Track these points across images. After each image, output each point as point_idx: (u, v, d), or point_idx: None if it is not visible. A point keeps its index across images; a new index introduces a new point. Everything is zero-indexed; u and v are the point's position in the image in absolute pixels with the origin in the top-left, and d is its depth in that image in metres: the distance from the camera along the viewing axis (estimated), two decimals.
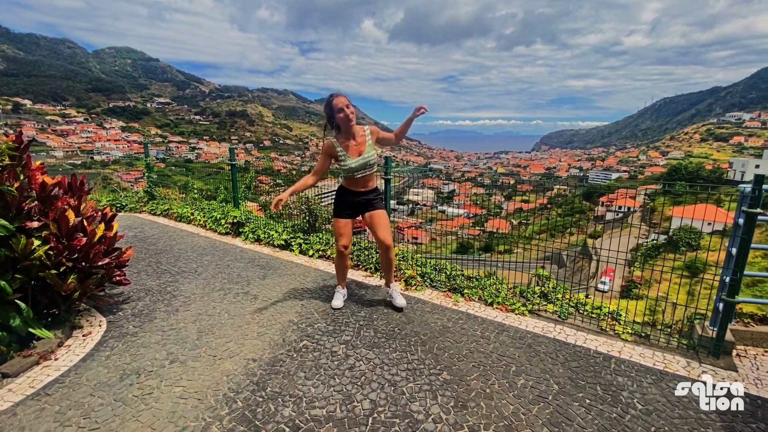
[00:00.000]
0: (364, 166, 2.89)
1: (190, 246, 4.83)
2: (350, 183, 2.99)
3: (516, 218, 44.35)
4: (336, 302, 3.17)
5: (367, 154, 2.88)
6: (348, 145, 2.88)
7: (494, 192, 34.01)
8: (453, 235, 36.17)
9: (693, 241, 26.86)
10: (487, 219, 44.53)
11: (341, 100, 2.77)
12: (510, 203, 55.60)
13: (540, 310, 3.11)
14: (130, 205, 6.83)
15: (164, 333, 2.75)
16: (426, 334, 2.72)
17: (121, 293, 3.40)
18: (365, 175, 2.94)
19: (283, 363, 2.39)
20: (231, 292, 3.46)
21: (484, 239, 39.16)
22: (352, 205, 3.01)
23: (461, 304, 3.23)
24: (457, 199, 37.76)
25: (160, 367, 2.35)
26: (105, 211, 3.03)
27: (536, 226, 34.04)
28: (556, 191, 42.07)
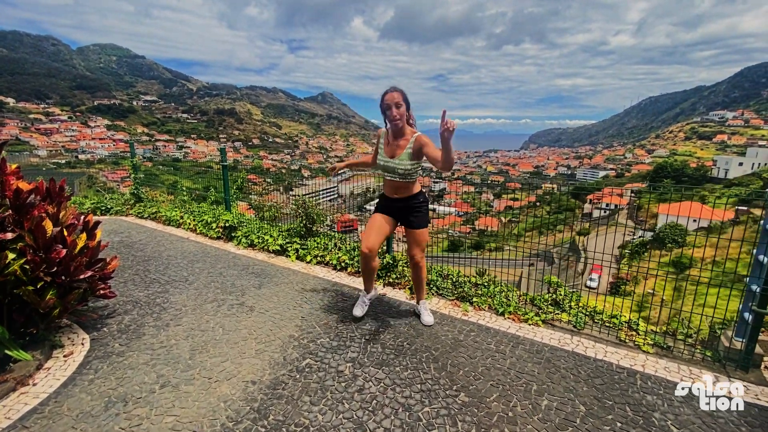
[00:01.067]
0: (390, 170, 2.66)
1: (179, 252, 4.58)
2: (384, 184, 2.82)
3: (505, 216, 44.63)
4: (357, 311, 2.95)
5: (399, 160, 2.60)
6: (389, 142, 2.67)
7: (484, 190, 34.25)
8: (444, 234, 36.36)
9: (679, 237, 27.29)
10: (478, 217, 44.71)
11: (392, 97, 2.51)
12: (499, 201, 56.00)
13: (554, 320, 2.96)
14: (116, 208, 6.52)
15: (153, 352, 2.53)
16: (437, 349, 2.55)
17: (106, 306, 3.16)
18: (394, 181, 2.70)
19: (286, 385, 2.19)
20: (225, 303, 3.25)
21: (475, 237, 39.26)
22: (389, 209, 2.80)
23: (471, 313, 3.06)
24: (447, 197, 37.61)
25: (149, 393, 2.13)
26: (87, 219, 2.79)
27: (525, 223, 34.30)
28: (545, 189, 42.44)
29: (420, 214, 2.78)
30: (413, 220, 2.76)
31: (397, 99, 2.50)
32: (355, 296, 3.36)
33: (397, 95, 2.50)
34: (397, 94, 2.51)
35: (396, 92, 2.51)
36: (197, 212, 5.71)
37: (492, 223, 36.93)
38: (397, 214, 2.80)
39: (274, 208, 5.05)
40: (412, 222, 2.76)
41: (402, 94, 2.52)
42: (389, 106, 2.50)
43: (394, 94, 2.51)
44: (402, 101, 2.52)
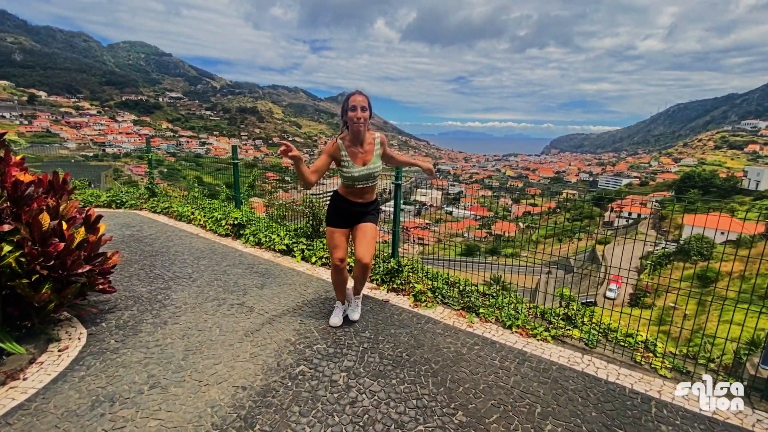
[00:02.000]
0: (368, 177, 2.63)
1: (187, 248, 4.58)
2: (348, 192, 2.70)
3: (523, 222, 43.79)
4: (334, 319, 2.89)
5: (373, 165, 2.62)
6: (354, 152, 2.59)
7: (502, 194, 33.71)
8: (459, 237, 35.83)
9: (705, 250, 26.24)
10: (495, 222, 44.07)
11: (357, 99, 2.47)
12: (518, 206, 54.99)
13: (564, 336, 2.79)
14: (131, 202, 6.62)
15: (148, 350, 2.49)
16: (438, 362, 2.43)
17: (108, 300, 3.15)
18: (366, 187, 2.66)
19: (276, 393, 2.11)
20: (225, 302, 3.20)
21: (491, 242, 38.70)
22: (348, 215, 2.73)
23: (476, 325, 2.92)
24: (464, 200, 37.26)
25: (138, 394, 2.08)
26: (89, 213, 2.77)
27: (546, 230, 33.45)
28: (565, 195, 41.38)
29: (375, 211, 2.81)
30: (369, 217, 2.75)
31: (363, 102, 2.48)
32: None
33: (362, 98, 2.49)
34: (362, 97, 2.49)
35: (362, 96, 2.50)
36: (208, 208, 5.73)
37: (509, 228, 36.30)
38: (355, 219, 2.75)
39: (283, 207, 5.00)
40: (368, 217, 2.74)
41: (367, 98, 2.52)
42: (355, 107, 2.46)
43: (359, 97, 2.48)
44: (367, 106, 2.51)
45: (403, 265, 3.67)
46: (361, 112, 2.47)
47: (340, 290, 2.91)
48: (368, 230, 2.69)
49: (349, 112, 2.47)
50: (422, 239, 34.20)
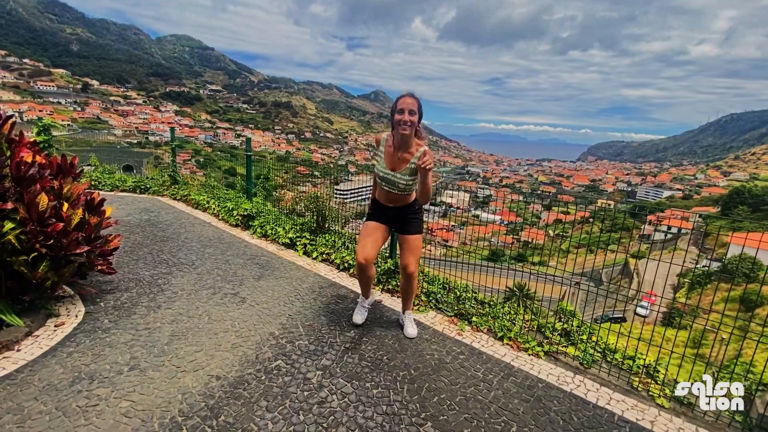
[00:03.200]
0: (390, 182, 2.49)
1: (197, 235, 4.70)
2: (378, 191, 2.65)
3: (553, 230, 42.38)
4: (357, 317, 2.82)
5: (400, 174, 2.44)
6: (390, 153, 2.49)
7: (533, 200, 32.75)
8: (485, 241, 35.19)
9: (751, 272, 24.52)
10: (523, 228, 42.92)
11: (407, 102, 2.32)
12: (549, 213, 53.28)
13: (558, 353, 2.64)
14: (154, 188, 6.89)
15: (136, 332, 2.56)
16: (417, 369, 2.35)
17: (111, 281, 3.28)
18: (391, 192, 2.53)
19: (248, 386, 2.11)
20: (220, 291, 3.25)
21: (518, 248, 37.88)
22: (383, 216, 2.65)
23: (466, 334, 2.82)
24: (492, 204, 36.46)
25: (116, 374, 2.14)
26: (93, 196, 2.88)
27: (579, 239, 32.15)
28: (600, 205, 39.56)
29: (416, 221, 2.62)
30: (408, 227, 2.61)
31: (412, 106, 2.33)
32: (350, 299, 3.23)
33: (412, 102, 2.34)
34: (413, 100, 2.34)
35: (412, 99, 2.35)
36: (223, 198, 5.87)
37: (538, 235, 35.19)
38: (392, 221, 2.66)
39: (292, 201, 5.04)
40: (407, 228, 2.61)
41: (418, 102, 2.37)
42: (402, 110, 2.32)
43: (410, 100, 2.34)
44: (416, 110, 2.34)
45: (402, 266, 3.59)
46: (408, 115, 2.31)
47: (366, 286, 2.78)
48: (411, 241, 2.59)
49: (396, 115, 2.35)
50: (447, 241, 33.63)
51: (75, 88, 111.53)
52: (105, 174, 7.33)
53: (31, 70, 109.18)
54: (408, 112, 2.32)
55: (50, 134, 7.01)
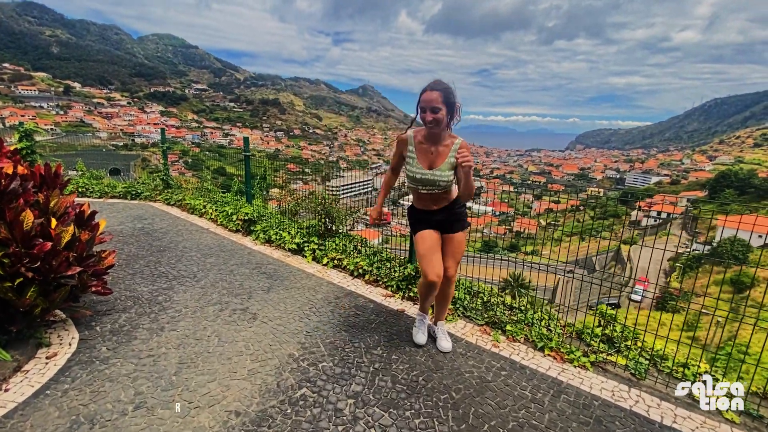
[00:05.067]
0: (429, 183, 2.22)
1: (196, 244, 4.40)
2: (416, 197, 2.38)
3: (545, 219, 42.49)
4: (419, 337, 2.54)
5: (440, 171, 2.18)
6: (425, 149, 2.21)
7: (524, 191, 32.70)
8: (478, 233, 35.51)
9: (740, 254, 24.88)
10: (515, 218, 42.95)
11: (429, 99, 2.04)
12: (540, 203, 53.49)
13: (605, 363, 2.43)
14: (146, 193, 6.53)
15: (139, 361, 2.28)
16: (459, 391, 2.12)
17: (107, 300, 2.97)
18: (433, 193, 2.27)
19: (273, 422, 1.85)
20: (228, 307, 2.97)
21: (511, 239, 38.12)
22: (430, 223, 2.36)
23: (503, 345, 2.59)
24: (484, 196, 36.33)
25: (120, 415, 1.86)
26: (83, 209, 2.58)
27: (571, 227, 32.29)
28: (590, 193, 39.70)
29: (462, 218, 2.38)
30: (455, 225, 2.35)
31: (436, 101, 2.04)
32: (370, 310, 2.99)
33: (435, 96, 2.04)
34: (436, 94, 2.04)
35: (435, 92, 2.04)
36: (220, 202, 5.55)
37: (530, 225, 35.24)
38: (439, 226, 2.37)
39: (294, 201, 4.74)
40: (453, 227, 2.35)
41: (442, 94, 2.04)
42: (425, 109, 2.07)
43: (432, 95, 2.04)
44: (441, 104, 2.04)
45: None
46: (431, 113, 2.05)
47: (427, 300, 2.48)
48: (454, 241, 2.35)
49: (421, 114, 2.10)
50: None
51: (57, 92, 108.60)
52: (93, 180, 6.94)
53: (10, 74, 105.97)
54: (430, 111, 2.05)
55: (33, 140, 6.59)
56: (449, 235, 2.35)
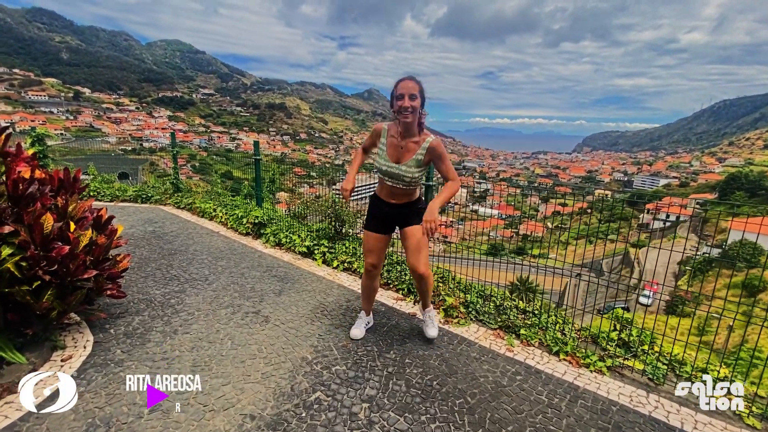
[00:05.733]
0: (394, 176, 2.27)
1: (207, 247, 4.42)
2: (380, 187, 2.44)
3: (552, 222, 42.19)
4: (355, 331, 2.62)
5: (405, 167, 2.23)
6: (394, 143, 2.27)
7: (530, 193, 32.46)
8: (484, 236, 35.06)
9: (752, 257, 24.50)
10: (522, 221, 42.70)
11: (407, 86, 2.11)
12: (547, 206, 53.15)
13: (622, 367, 2.39)
14: (156, 197, 6.59)
15: (153, 364, 2.28)
16: (474, 395, 2.09)
17: (120, 304, 2.99)
18: (395, 187, 2.31)
19: (288, 426, 1.84)
20: (240, 310, 2.97)
21: (518, 242, 37.71)
22: (384, 217, 2.42)
23: (517, 349, 2.56)
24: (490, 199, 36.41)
25: (136, 418, 1.87)
26: (100, 213, 2.60)
27: (577, 230, 32.07)
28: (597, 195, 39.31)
29: (417, 213, 2.35)
30: (411, 219, 2.37)
31: (413, 89, 2.11)
32: (382, 313, 2.97)
33: (413, 85, 2.12)
34: (413, 83, 2.12)
35: (412, 82, 2.13)
36: (230, 205, 5.58)
37: (537, 228, 34.97)
38: (392, 221, 2.44)
39: (304, 204, 4.76)
40: (410, 220, 2.37)
41: (419, 85, 2.14)
42: (402, 95, 2.11)
43: (409, 83, 2.12)
44: (418, 94, 2.13)
45: (432, 273, 3.34)
46: (409, 100, 2.09)
47: (367, 299, 2.66)
48: (412, 234, 2.34)
49: (396, 101, 2.13)
50: (446, 237, 33.50)
51: (66, 97, 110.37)
52: (104, 184, 7.02)
53: (21, 80, 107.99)
54: (408, 97, 2.09)
55: (45, 144, 6.69)
56: (407, 230, 2.36)
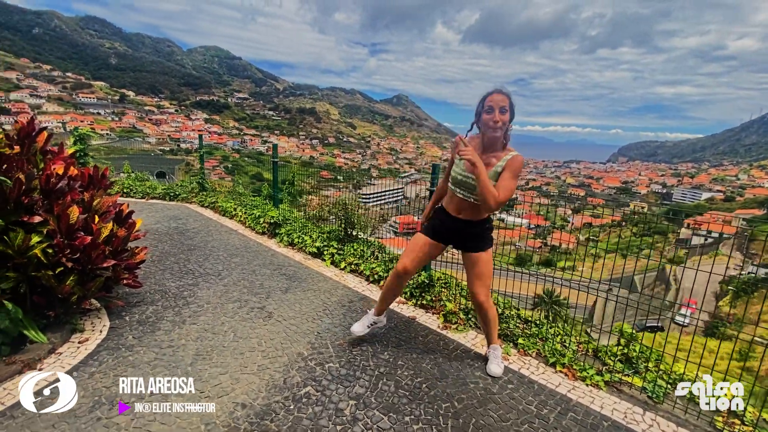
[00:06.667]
0: (468, 187, 2.11)
1: (224, 244, 4.62)
2: (448, 199, 2.30)
3: (583, 233, 40.74)
4: (357, 326, 2.54)
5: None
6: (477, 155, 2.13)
7: (561, 203, 31.40)
8: (511, 246, 34.17)
9: None
10: (551, 232, 41.50)
11: (495, 99, 1.99)
12: (578, 217, 51.42)
13: (621, 383, 2.32)
14: (183, 195, 6.93)
15: (160, 350, 2.43)
16: (461, 400, 2.10)
17: (137, 293, 3.19)
18: (465, 201, 2.16)
19: (275, 416, 1.92)
20: (247, 305, 3.10)
21: (546, 253, 36.73)
22: (445, 230, 2.30)
23: (513, 358, 2.54)
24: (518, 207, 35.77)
25: (138, 399, 2.00)
26: (122, 208, 2.80)
27: (603, 244, 30.80)
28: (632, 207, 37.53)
29: (481, 237, 2.25)
30: (472, 244, 2.24)
31: (503, 102, 1.99)
32: None
33: (503, 98, 1.99)
34: (503, 97, 2.00)
35: (503, 95, 2.00)
36: (249, 205, 5.80)
37: (567, 239, 33.89)
38: (454, 237, 2.29)
39: (318, 207, 4.89)
40: (472, 244, 2.24)
41: (510, 99, 2.01)
42: (492, 109, 1.98)
43: (500, 97, 2.00)
44: (508, 107, 2.00)
45: (436, 279, 3.35)
46: (499, 114, 1.97)
47: (384, 299, 2.51)
48: (476, 261, 2.23)
49: (485, 114, 2.01)
50: None
51: (113, 99, 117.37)
52: (137, 182, 7.45)
53: (73, 83, 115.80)
54: (499, 111, 1.97)
55: (86, 143, 7.19)
56: (470, 255, 2.25)
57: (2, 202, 2.14)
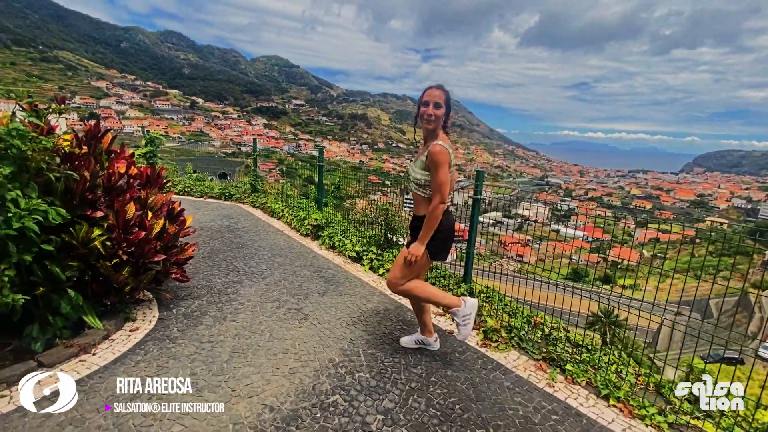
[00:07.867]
0: (408, 176, 2.34)
1: (269, 244, 4.76)
2: None
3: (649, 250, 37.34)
4: (405, 339, 2.66)
5: (410, 169, 2.30)
6: (420, 150, 2.32)
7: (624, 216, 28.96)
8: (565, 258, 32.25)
9: None
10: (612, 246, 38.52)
11: (432, 94, 2.14)
12: (643, 231, 47.28)
13: (688, 426, 2.01)
14: (237, 195, 7.30)
15: (200, 345, 2.51)
16: (497, 427, 1.93)
17: (187, 287, 3.36)
18: (414, 193, 2.31)
19: (301, 423, 1.88)
20: (284, 305, 3.14)
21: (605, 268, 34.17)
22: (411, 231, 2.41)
23: (559, 386, 2.31)
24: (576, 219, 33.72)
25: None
26: (174, 206, 2.96)
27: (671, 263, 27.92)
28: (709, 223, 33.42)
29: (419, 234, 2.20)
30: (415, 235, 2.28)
31: (438, 98, 2.14)
32: (417, 326, 2.90)
33: (439, 93, 2.15)
34: (439, 92, 2.16)
35: (439, 90, 2.16)
36: (296, 207, 5.95)
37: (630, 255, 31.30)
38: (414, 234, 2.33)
39: (360, 211, 4.89)
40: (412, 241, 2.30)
41: (446, 94, 2.17)
42: (427, 102, 2.14)
43: (436, 92, 2.15)
44: (443, 103, 2.15)
45: (477, 292, 3.18)
46: (433, 108, 2.12)
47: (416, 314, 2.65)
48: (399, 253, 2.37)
49: (421, 108, 2.18)
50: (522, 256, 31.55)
51: (185, 106, 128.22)
52: (197, 181, 7.98)
53: (152, 91, 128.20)
54: (433, 105, 2.13)
55: (156, 145, 7.84)
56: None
57: (69, 198, 2.34)
